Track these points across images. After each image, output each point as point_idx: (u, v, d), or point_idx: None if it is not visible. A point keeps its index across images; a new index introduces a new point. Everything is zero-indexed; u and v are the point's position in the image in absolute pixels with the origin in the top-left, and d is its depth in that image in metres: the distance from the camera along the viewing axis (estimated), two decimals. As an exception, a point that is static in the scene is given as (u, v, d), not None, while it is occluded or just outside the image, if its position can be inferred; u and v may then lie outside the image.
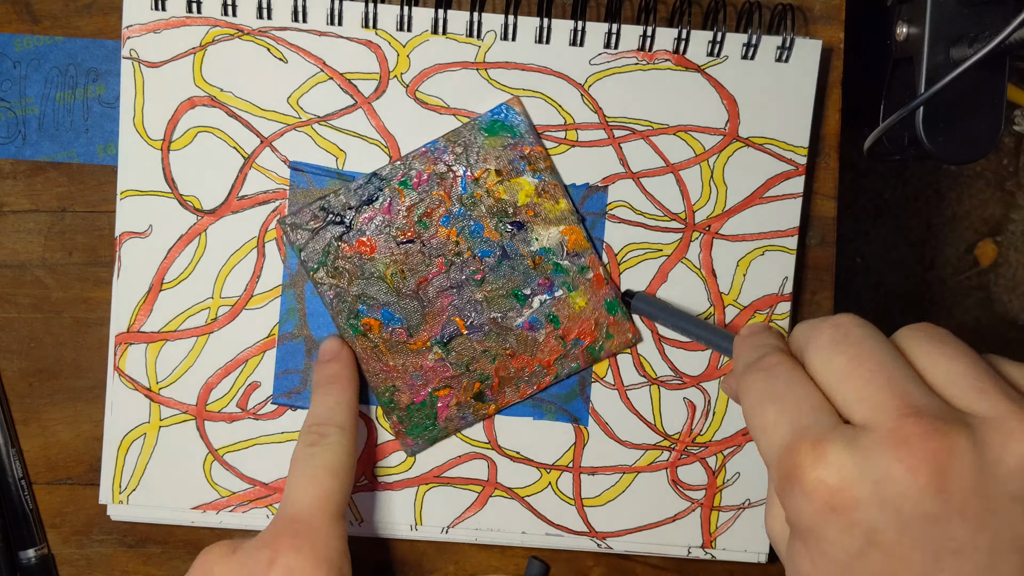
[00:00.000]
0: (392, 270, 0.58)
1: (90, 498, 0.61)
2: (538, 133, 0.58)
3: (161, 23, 0.57)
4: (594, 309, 0.59)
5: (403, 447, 0.60)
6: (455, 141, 0.58)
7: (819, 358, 0.42)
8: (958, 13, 0.58)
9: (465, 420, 0.59)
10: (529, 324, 0.59)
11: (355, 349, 0.59)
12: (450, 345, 0.59)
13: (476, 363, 0.59)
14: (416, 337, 0.59)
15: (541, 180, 0.58)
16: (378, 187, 0.58)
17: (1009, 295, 1.23)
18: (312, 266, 0.58)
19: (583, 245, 0.59)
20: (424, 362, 0.59)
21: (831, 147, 0.61)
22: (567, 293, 0.59)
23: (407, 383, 0.59)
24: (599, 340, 0.59)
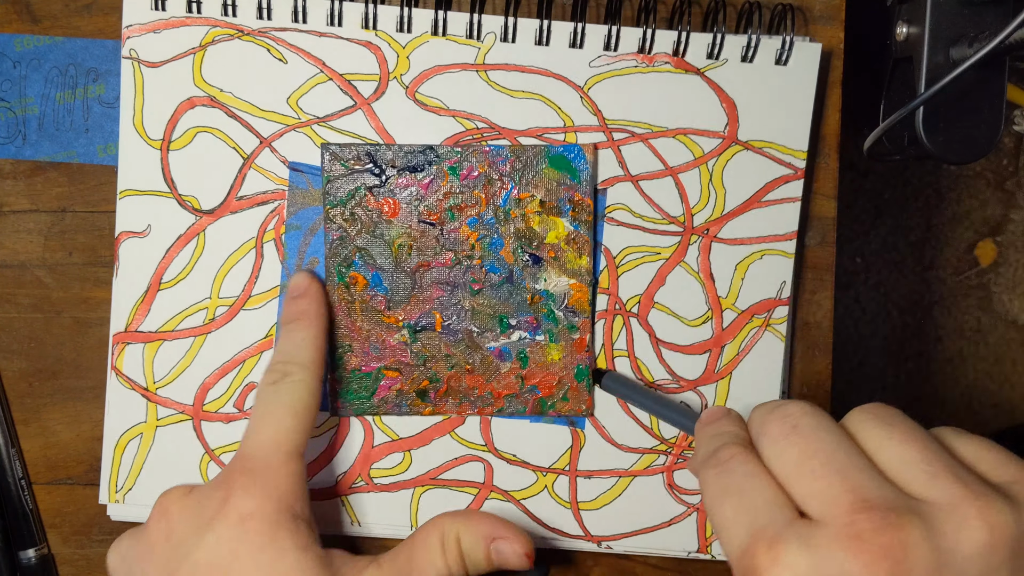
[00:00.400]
0: (401, 241, 0.58)
1: (90, 498, 0.61)
2: (596, 187, 0.58)
3: (161, 23, 0.57)
4: (564, 367, 0.59)
5: (330, 405, 0.60)
6: (518, 155, 0.58)
7: (772, 450, 0.42)
8: (958, 13, 0.58)
9: (398, 409, 0.59)
10: (500, 351, 0.59)
11: (331, 296, 0.58)
12: (419, 335, 0.59)
13: (433, 362, 0.59)
14: (392, 312, 0.59)
15: (576, 230, 0.58)
16: (428, 160, 0.58)
17: (1009, 295, 1.23)
18: (332, 200, 0.58)
19: (584, 307, 0.59)
20: (388, 338, 0.59)
21: (831, 147, 0.61)
22: (547, 341, 0.59)
23: (363, 349, 0.59)
24: (554, 397, 0.59)
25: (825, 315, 0.62)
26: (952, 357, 1.27)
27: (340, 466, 0.60)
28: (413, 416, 0.60)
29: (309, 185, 0.58)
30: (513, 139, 0.58)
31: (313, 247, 0.59)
